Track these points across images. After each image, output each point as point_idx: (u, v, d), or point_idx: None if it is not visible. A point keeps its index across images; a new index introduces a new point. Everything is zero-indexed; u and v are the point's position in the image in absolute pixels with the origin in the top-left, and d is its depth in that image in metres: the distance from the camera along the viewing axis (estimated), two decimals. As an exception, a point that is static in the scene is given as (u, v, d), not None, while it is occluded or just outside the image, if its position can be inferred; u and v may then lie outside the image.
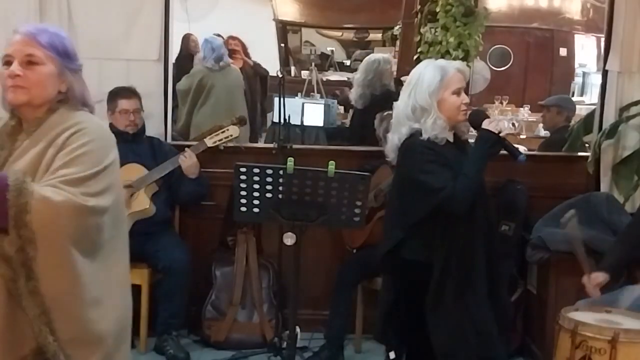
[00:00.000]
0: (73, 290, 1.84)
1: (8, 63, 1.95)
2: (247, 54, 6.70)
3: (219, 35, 7.01)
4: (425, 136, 2.76)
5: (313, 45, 10.10)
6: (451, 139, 2.86)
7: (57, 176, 1.84)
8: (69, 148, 1.89)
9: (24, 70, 1.93)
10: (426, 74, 2.82)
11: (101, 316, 1.91)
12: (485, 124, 2.78)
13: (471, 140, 2.94)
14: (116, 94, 3.96)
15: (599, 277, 3.12)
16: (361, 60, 9.83)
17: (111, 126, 3.97)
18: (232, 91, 5.68)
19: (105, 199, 1.90)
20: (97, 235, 1.89)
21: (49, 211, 1.78)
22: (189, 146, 4.04)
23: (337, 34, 10.57)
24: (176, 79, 5.76)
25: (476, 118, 2.82)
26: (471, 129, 2.92)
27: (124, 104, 3.93)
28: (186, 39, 6.77)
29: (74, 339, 1.86)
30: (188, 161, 3.90)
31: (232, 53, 6.38)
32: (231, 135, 3.98)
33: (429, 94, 2.77)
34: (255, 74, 6.60)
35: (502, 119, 6.15)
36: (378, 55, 5.24)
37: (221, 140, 3.96)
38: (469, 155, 2.82)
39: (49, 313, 1.82)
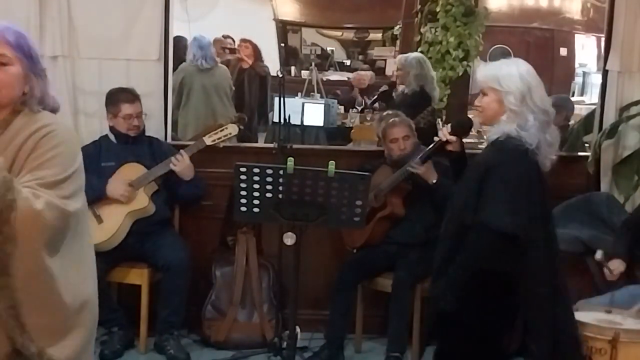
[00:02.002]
0: (46, 286, 1.87)
1: None
2: (257, 57, 6.68)
3: (228, 37, 7.03)
4: None
5: (316, 45, 10.11)
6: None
7: (33, 179, 1.85)
8: (41, 151, 1.90)
9: None
10: None
11: (74, 310, 1.95)
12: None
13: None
14: (118, 98, 3.91)
15: (619, 265, 3.20)
16: (367, 60, 9.89)
17: (112, 129, 3.96)
18: (214, 91, 5.63)
19: (77, 202, 1.93)
20: (69, 235, 1.93)
21: (31, 211, 1.79)
22: (188, 146, 4.04)
23: (337, 34, 10.58)
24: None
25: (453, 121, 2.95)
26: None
27: (127, 108, 3.89)
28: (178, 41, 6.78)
29: (46, 330, 1.89)
30: (181, 164, 3.86)
31: (231, 52, 6.38)
32: (230, 134, 3.96)
33: None
34: (255, 75, 6.59)
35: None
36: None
37: (220, 138, 3.94)
38: None
39: (19, 307, 1.84)
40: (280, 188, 2.43)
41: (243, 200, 2.49)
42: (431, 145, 2.82)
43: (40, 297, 1.87)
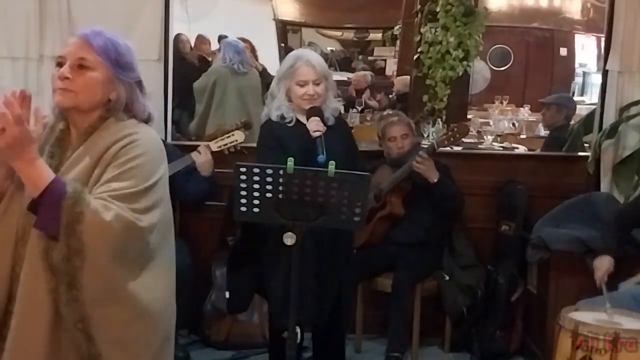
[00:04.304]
0: (117, 301, 1.83)
1: (60, 65, 1.93)
2: (255, 57, 6.71)
3: (226, 37, 7.06)
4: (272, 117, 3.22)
5: (316, 45, 10.11)
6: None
7: (108, 190, 1.81)
8: (120, 161, 1.86)
9: (74, 74, 1.90)
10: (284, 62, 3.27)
11: (148, 325, 1.91)
12: (310, 122, 3.09)
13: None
14: None
15: (608, 264, 3.21)
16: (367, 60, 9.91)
17: None
18: (249, 93, 5.70)
19: (153, 216, 1.88)
20: (142, 251, 1.88)
21: (99, 224, 1.76)
22: (190, 146, 4.03)
23: (337, 34, 10.58)
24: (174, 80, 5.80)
25: (309, 112, 3.13)
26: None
27: None
28: (176, 40, 6.81)
29: (117, 344, 1.85)
30: (203, 157, 3.88)
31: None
32: (236, 141, 3.97)
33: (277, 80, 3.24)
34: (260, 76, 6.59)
35: (502, 118, 6.15)
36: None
37: (226, 145, 3.96)
38: None
39: (88, 319, 1.81)
40: (280, 188, 2.43)
41: (243, 200, 2.49)
42: (322, 140, 3.01)
43: (112, 312, 1.83)
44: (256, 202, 2.46)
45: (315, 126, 3.05)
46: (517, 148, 5.30)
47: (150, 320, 1.91)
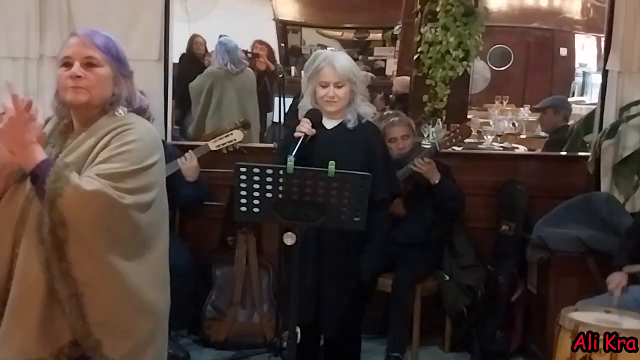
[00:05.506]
0: (107, 280, 1.92)
1: (67, 65, 2.01)
2: (272, 59, 6.68)
3: (223, 36, 7.07)
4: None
5: (315, 45, 10.10)
6: (329, 125, 3.17)
7: (95, 170, 1.92)
8: (112, 146, 1.97)
9: (84, 72, 1.99)
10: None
11: (136, 308, 1.99)
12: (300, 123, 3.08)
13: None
14: None
15: (622, 280, 3.14)
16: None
17: None
18: (244, 94, 5.69)
19: (141, 197, 1.97)
20: (133, 231, 1.96)
21: (78, 197, 1.86)
22: (190, 147, 4.04)
23: (337, 34, 10.57)
24: (181, 79, 5.79)
25: (306, 114, 3.13)
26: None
27: None
28: (191, 39, 6.82)
29: (105, 325, 1.93)
30: (188, 163, 3.88)
31: (255, 56, 6.37)
32: (235, 140, 3.97)
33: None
34: (273, 77, 6.58)
35: (502, 118, 6.15)
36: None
37: (224, 144, 3.96)
38: None
39: (80, 296, 1.89)
40: (280, 188, 2.43)
41: (243, 200, 2.49)
42: (300, 141, 2.96)
43: (102, 291, 1.92)
44: (256, 202, 2.47)
45: (299, 126, 3.04)
46: (517, 148, 5.31)
47: (140, 304, 2.00)
